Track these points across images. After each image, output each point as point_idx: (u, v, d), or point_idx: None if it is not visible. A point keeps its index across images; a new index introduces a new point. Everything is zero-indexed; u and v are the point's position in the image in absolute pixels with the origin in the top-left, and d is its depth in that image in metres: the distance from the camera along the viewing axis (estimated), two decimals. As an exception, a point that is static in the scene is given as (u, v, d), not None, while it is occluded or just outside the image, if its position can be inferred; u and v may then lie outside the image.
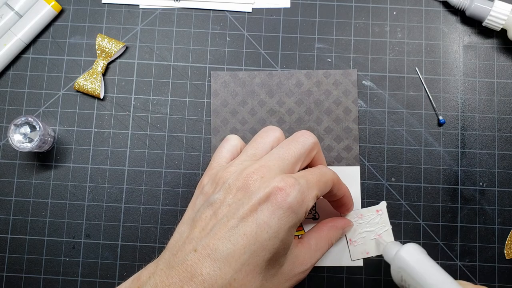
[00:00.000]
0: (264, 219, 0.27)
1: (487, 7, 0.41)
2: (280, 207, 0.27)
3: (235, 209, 0.28)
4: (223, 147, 0.35)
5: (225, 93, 0.43)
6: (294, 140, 0.32)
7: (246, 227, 0.27)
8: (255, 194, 0.28)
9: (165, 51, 0.43)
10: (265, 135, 0.34)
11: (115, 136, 0.42)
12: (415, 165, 0.42)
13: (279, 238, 0.28)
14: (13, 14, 0.43)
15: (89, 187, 0.42)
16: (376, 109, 0.42)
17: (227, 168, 0.32)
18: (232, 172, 0.31)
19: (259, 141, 0.33)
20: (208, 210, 0.29)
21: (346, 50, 0.43)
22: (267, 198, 0.28)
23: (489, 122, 0.42)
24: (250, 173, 0.29)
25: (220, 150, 0.35)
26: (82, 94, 0.43)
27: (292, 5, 0.44)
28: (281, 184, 0.28)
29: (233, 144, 0.35)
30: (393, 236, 0.41)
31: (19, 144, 0.39)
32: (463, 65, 0.43)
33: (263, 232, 0.27)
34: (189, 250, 0.27)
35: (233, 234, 0.27)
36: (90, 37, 0.44)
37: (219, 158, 0.34)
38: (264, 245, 0.27)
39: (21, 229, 0.41)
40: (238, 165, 0.31)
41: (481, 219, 0.41)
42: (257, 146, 0.33)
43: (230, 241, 0.27)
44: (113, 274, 0.41)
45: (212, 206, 0.29)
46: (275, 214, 0.27)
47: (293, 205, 0.28)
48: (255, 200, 0.28)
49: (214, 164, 0.34)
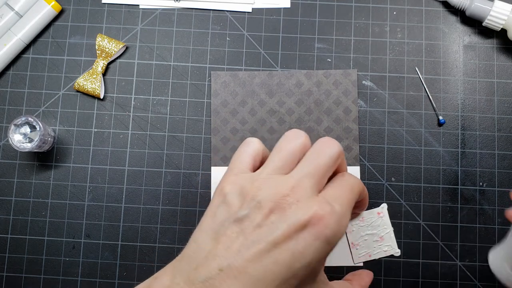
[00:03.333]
0: (300, 249, 0.26)
1: (487, 7, 0.41)
2: (318, 238, 0.26)
3: (267, 233, 0.26)
4: (244, 151, 0.32)
5: (225, 93, 0.43)
6: (321, 153, 0.30)
7: (279, 254, 0.26)
8: (291, 220, 0.26)
9: (165, 51, 0.43)
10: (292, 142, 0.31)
11: (115, 136, 0.42)
12: (415, 165, 0.42)
13: (311, 267, 0.26)
14: (13, 14, 0.43)
15: (89, 187, 0.42)
16: (376, 109, 0.42)
17: (255, 181, 0.29)
18: (261, 187, 0.28)
19: (286, 150, 0.31)
20: (234, 227, 0.27)
21: (346, 50, 0.43)
22: (304, 226, 0.26)
23: (489, 122, 0.42)
24: (284, 194, 0.27)
25: (241, 153, 0.32)
26: (82, 94, 0.43)
27: (292, 5, 0.44)
28: (319, 212, 0.26)
29: (255, 148, 0.32)
30: (395, 238, 0.41)
31: (19, 144, 0.39)
32: (463, 65, 0.43)
33: (296, 262, 0.26)
34: (214, 268, 0.26)
35: (264, 259, 0.26)
36: (90, 37, 0.44)
37: (240, 163, 0.32)
38: (295, 274, 0.26)
39: (21, 229, 0.41)
40: (268, 180, 0.29)
41: (481, 219, 0.41)
42: (284, 157, 0.30)
43: (261, 266, 0.25)
44: (113, 274, 0.41)
45: (239, 223, 0.27)
46: (312, 246, 0.26)
47: (330, 237, 0.26)
48: (291, 227, 0.26)
49: (235, 170, 0.31)
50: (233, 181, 0.30)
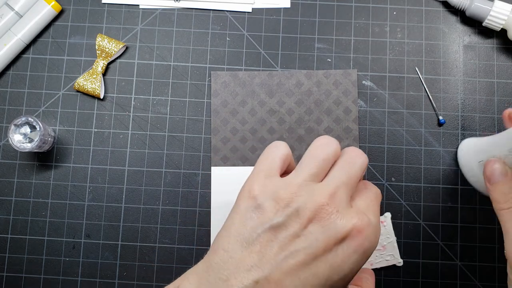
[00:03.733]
0: (339, 262, 0.25)
1: (487, 7, 0.41)
2: (356, 251, 0.26)
3: (306, 244, 0.25)
4: (273, 153, 0.30)
5: (225, 93, 0.43)
6: (352, 163, 0.29)
7: (318, 267, 0.25)
8: (331, 232, 0.25)
9: (165, 51, 0.43)
10: (325, 149, 0.30)
11: (115, 136, 0.42)
12: (415, 165, 0.42)
13: (347, 279, 0.26)
14: (13, 14, 0.43)
15: (89, 187, 0.42)
16: (376, 109, 0.42)
17: (289, 186, 0.28)
18: (297, 193, 0.27)
19: (319, 157, 0.29)
20: (268, 234, 0.26)
21: (346, 50, 0.43)
22: (344, 238, 0.26)
23: (489, 122, 0.42)
24: (323, 203, 0.26)
25: (269, 155, 0.30)
26: (82, 94, 0.43)
27: (292, 5, 0.44)
28: (359, 224, 0.26)
29: (284, 152, 0.31)
30: (397, 247, 0.40)
31: (19, 144, 0.39)
32: (463, 65, 0.43)
33: (335, 274, 0.25)
34: (248, 279, 0.24)
35: (303, 272, 0.25)
36: (90, 37, 0.44)
37: (270, 164, 0.30)
38: (331, 286, 0.26)
39: (21, 229, 0.41)
40: (304, 187, 0.28)
41: (481, 219, 0.41)
42: (318, 164, 0.29)
43: (299, 279, 0.25)
44: (113, 274, 0.41)
45: (275, 231, 0.26)
46: (351, 259, 0.26)
47: (368, 249, 0.26)
48: (331, 239, 0.25)
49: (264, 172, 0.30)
50: (264, 184, 0.28)
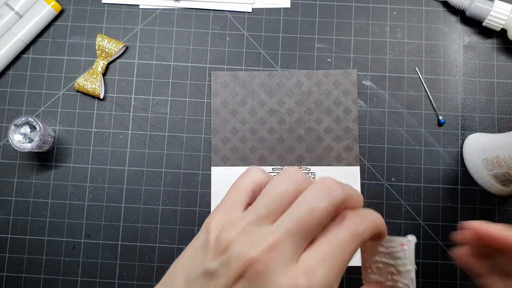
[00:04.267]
0: None
1: (487, 7, 0.41)
2: None
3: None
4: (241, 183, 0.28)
5: (225, 93, 0.43)
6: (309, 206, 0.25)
7: None
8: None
9: (165, 51, 0.43)
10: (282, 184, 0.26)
11: (115, 136, 0.42)
12: (415, 165, 0.42)
13: None
14: (13, 14, 0.43)
15: (89, 187, 0.42)
16: (376, 109, 0.42)
17: (233, 228, 0.26)
18: (236, 239, 0.25)
19: (272, 195, 0.26)
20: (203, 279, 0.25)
21: (346, 50, 0.43)
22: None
23: (489, 122, 0.42)
24: (254, 259, 0.24)
25: (238, 185, 0.28)
26: (82, 94, 0.43)
27: (292, 5, 0.44)
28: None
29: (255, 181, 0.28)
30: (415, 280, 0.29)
31: (19, 144, 0.39)
32: (463, 65, 0.43)
33: None
34: None
35: None
36: (90, 37, 0.44)
37: (235, 196, 0.28)
38: None
39: (21, 229, 0.41)
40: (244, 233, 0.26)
41: (481, 219, 0.41)
42: (271, 204, 0.26)
43: None
44: (113, 274, 0.41)
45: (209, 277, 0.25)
46: None
47: None
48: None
49: (225, 206, 0.28)
50: (219, 220, 0.27)
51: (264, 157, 0.41)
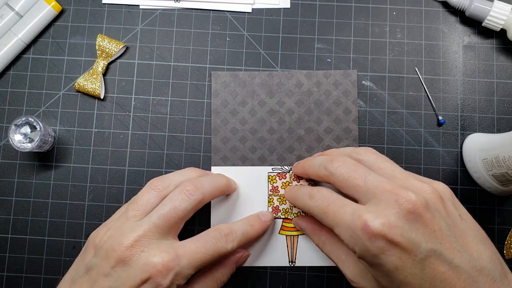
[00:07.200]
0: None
1: (486, 7, 0.41)
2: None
3: (111, 283, 0.29)
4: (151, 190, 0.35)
5: (225, 93, 0.43)
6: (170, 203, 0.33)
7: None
8: (136, 273, 0.29)
9: (165, 51, 0.44)
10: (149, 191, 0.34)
11: (115, 136, 0.42)
12: (415, 165, 0.42)
13: None
14: (13, 14, 0.43)
15: (90, 187, 0.42)
16: (376, 109, 0.43)
17: (109, 229, 0.32)
18: (110, 235, 0.31)
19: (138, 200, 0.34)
20: (85, 275, 0.31)
21: (346, 50, 0.43)
22: (147, 279, 0.29)
23: (489, 122, 0.42)
24: (128, 246, 0.30)
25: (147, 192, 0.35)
26: (83, 94, 0.43)
27: (292, 5, 0.44)
28: (159, 265, 0.29)
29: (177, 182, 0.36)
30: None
31: (19, 144, 0.39)
32: (462, 65, 0.43)
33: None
34: None
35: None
36: (90, 37, 0.44)
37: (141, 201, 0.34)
38: None
39: (21, 229, 0.41)
40: (116, 229, 0.32)
41: (481, 219, 0.41)
42: (137, 207, 0.33)
43: None
44: (113, 274, 0.41)
45: (90, 271, 0.30)
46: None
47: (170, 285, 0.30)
48: (136, 281, 0.29)
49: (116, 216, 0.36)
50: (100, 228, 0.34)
51: (264, 157, 0.42)
